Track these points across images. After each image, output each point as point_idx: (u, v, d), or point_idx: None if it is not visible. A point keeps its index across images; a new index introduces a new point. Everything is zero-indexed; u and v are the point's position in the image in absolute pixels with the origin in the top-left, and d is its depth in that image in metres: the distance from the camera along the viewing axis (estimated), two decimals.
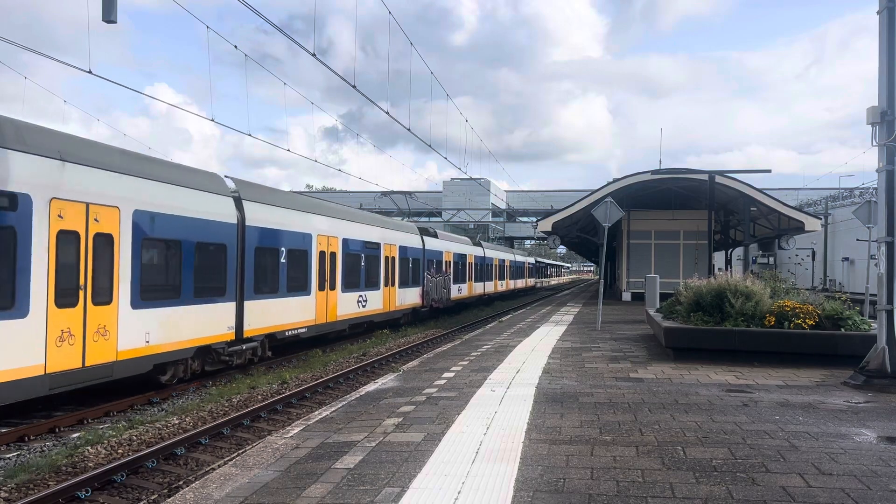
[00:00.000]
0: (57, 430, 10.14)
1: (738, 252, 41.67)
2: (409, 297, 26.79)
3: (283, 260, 16.36)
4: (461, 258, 34.54)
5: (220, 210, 13.99)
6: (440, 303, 30.67)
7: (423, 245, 29.06)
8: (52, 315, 9.76)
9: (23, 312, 9.33)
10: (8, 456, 8.85)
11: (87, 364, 10.35)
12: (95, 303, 10.59)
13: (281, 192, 18.70)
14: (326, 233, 18.95)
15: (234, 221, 14.44)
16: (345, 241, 20.15)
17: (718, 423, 6.95)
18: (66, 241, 10.12)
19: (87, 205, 10.50)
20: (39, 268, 9.58)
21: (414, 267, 27.31)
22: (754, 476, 5.20)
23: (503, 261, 47.73)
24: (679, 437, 6.39)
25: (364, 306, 21.69)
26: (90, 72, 12.48)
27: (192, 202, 13.05)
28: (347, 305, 20.37)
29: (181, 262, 12.70)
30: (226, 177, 15.22)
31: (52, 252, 9.79)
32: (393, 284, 24.60)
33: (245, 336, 14.74)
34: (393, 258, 24.55)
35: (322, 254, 18.57)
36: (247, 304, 14.83)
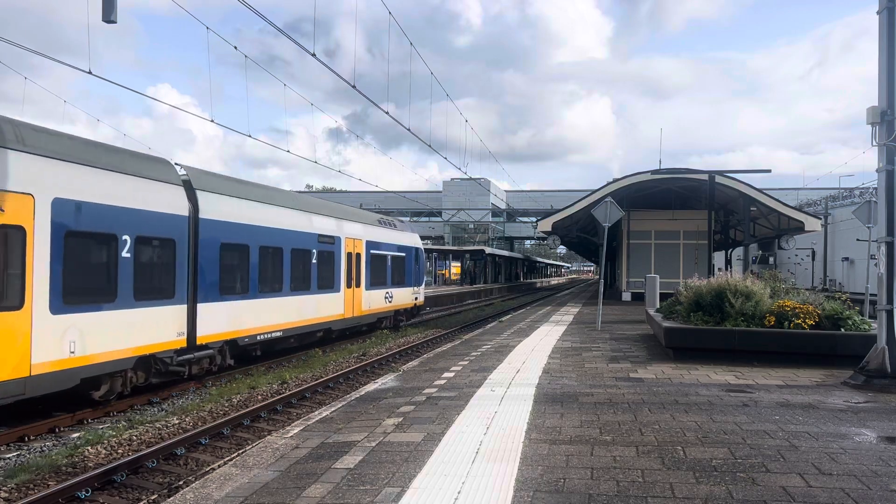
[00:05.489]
0: (57, 430, 10.14)
1: (738, 252, 41.71)
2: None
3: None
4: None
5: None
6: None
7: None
8: None
9: None
10: (8, 456, 8.85)
11: None
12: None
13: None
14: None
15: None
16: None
17: (718, 423, 6.95)
18: None
19: None
20: None
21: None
22: (754, 476, 5.20)
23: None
24: (679, 437, 6.39)
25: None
26: (90, 72, 12.49)
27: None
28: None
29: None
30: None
31: None
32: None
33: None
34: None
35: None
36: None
